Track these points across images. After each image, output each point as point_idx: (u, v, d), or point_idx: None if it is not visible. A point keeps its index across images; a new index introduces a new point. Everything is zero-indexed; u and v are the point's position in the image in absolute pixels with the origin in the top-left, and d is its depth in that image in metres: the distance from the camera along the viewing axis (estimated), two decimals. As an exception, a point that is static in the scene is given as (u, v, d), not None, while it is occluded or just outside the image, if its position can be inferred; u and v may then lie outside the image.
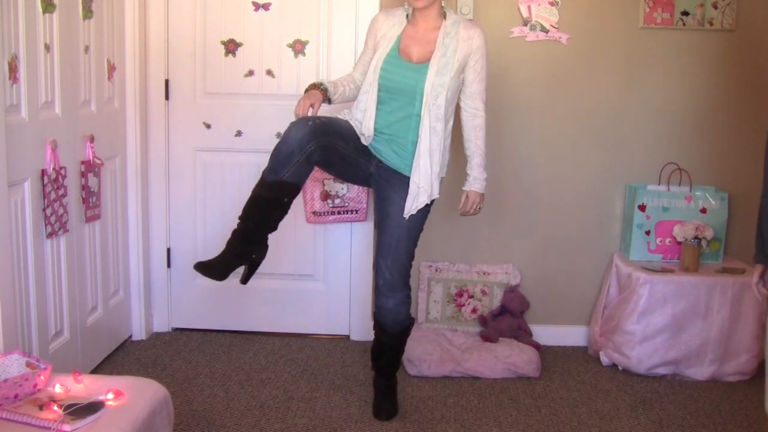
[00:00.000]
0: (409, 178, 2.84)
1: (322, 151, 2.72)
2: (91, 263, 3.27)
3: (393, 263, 2.86)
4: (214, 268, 2.75)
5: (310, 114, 2.73)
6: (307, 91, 2.82)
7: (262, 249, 2.81)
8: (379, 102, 2.84)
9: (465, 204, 2.96)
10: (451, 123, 2.89)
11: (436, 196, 2.86)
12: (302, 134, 2.65)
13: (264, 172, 2.75)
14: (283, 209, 2.77)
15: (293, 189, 2.74)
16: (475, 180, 2.93)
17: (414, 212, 2.82)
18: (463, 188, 2.96)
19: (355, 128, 2.88)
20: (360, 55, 3.01)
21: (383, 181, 2.90)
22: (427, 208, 2.88)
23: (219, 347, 3.71)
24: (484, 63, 2.86)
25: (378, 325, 2.98)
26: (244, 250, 2.77)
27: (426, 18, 2.84)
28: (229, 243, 2.78)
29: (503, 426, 2.99)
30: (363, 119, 2.85)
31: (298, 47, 3.66)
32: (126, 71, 3.53)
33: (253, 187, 2.77)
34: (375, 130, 2.86)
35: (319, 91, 2.80)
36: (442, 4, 2.85)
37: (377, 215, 2.95)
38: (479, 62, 2.85)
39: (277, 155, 2.69)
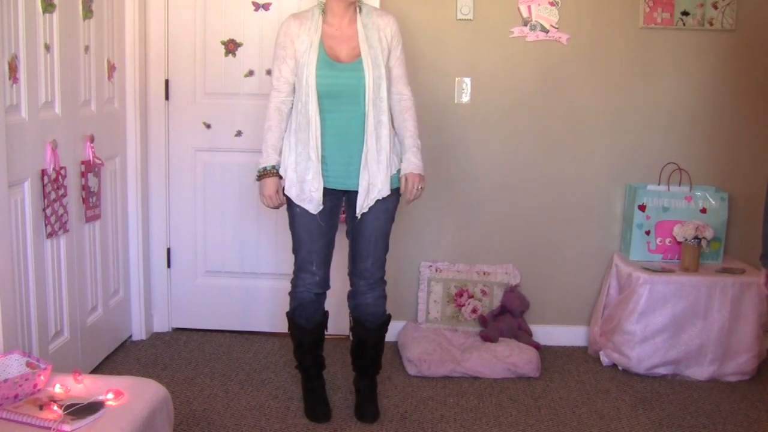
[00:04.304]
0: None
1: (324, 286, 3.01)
2: (91, 263, 3.27)
3: (374, 263, 2.93)
4: (317, 413, 3.02)
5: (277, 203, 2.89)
6: (260, 177, 2.85)
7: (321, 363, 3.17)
8: (322, 112, 2.77)
9: (405, 188, 2.86)
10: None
11: (386, 193, 2.83)
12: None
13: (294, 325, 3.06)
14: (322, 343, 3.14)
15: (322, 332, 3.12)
16: (409, 163, 2.86)
17: (366, 210, 2.83)
18: (402, 174, 2.87)
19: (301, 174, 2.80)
20: (278, 66, 2.82)
21: (352, 204, 2.89)
22: (397, 199, 2.90)
23: (219, 347, 3.72)
24: (401, 48, 2.88)
25: (358, 323, 3.01)
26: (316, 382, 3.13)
27: (345, 14, 2.80)
28: (304, 388, 3.12)
29: (503, 426, 2.99)
30: (310, 134, 2.76)
31: (298, 47, 3.66)
32: (126, 71, 3.53)
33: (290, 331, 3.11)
34: (323, 156, 2.79)
35: (271, 177, 2.83)
36: None
37: (350, 225, 2.95)
38: (398, 47, 2.86)
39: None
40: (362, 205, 2.82)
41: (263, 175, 2.85)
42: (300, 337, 3.04)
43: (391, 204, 2.89)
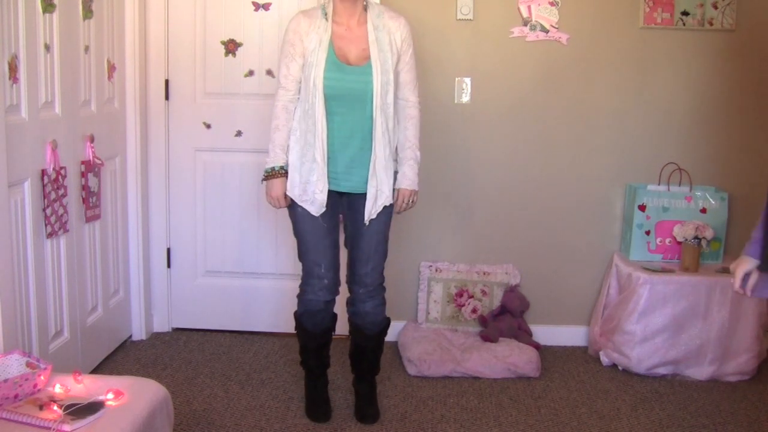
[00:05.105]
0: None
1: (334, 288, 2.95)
2: (91, 263, 3.27)
3: (373, 270, 2.89)
4: (318, 412, 3.00)
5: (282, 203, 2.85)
6: (267, 177, 2.81)
7: (325, 367, 3.11)
8: (328, 113, 2.73)
9: (396, 201, 2.87)
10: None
11: (392, 200, 2.84)
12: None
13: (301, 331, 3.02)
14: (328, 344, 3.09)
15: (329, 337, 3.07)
16: (404, 177, 2.84)
17: (374, 216, 2.80)
18: (395, 187, 2.85)
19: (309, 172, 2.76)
20: (286, 63, 2.77)
21: (353, 207, 2.87)
22: (392, 205, 2.88)
23: (219, 347, 3.72)
24: (412, 52, 2.83)
25: (356, 329, 2.98)
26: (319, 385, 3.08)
27: (352, 13, 2.75)
28: (307, 387, 3.09)
29: (503, 426, 2.99)
30: (316, 137, 2.72)
31: (298, 47, 3.66)
32: (126, 71, 3.53)
33: (297, 333, 3.05)
34: (328, 154, 2.75)
35: (279, 177, 2.79)
36: None
37: (349, 231, 2.92)
38: (407, 51, 2.81)
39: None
40: (371, 211, 2.79)
41: (270, 175, 2.80)
42: (305, 340, 3.02)
43: (391, 208, 2.88)
